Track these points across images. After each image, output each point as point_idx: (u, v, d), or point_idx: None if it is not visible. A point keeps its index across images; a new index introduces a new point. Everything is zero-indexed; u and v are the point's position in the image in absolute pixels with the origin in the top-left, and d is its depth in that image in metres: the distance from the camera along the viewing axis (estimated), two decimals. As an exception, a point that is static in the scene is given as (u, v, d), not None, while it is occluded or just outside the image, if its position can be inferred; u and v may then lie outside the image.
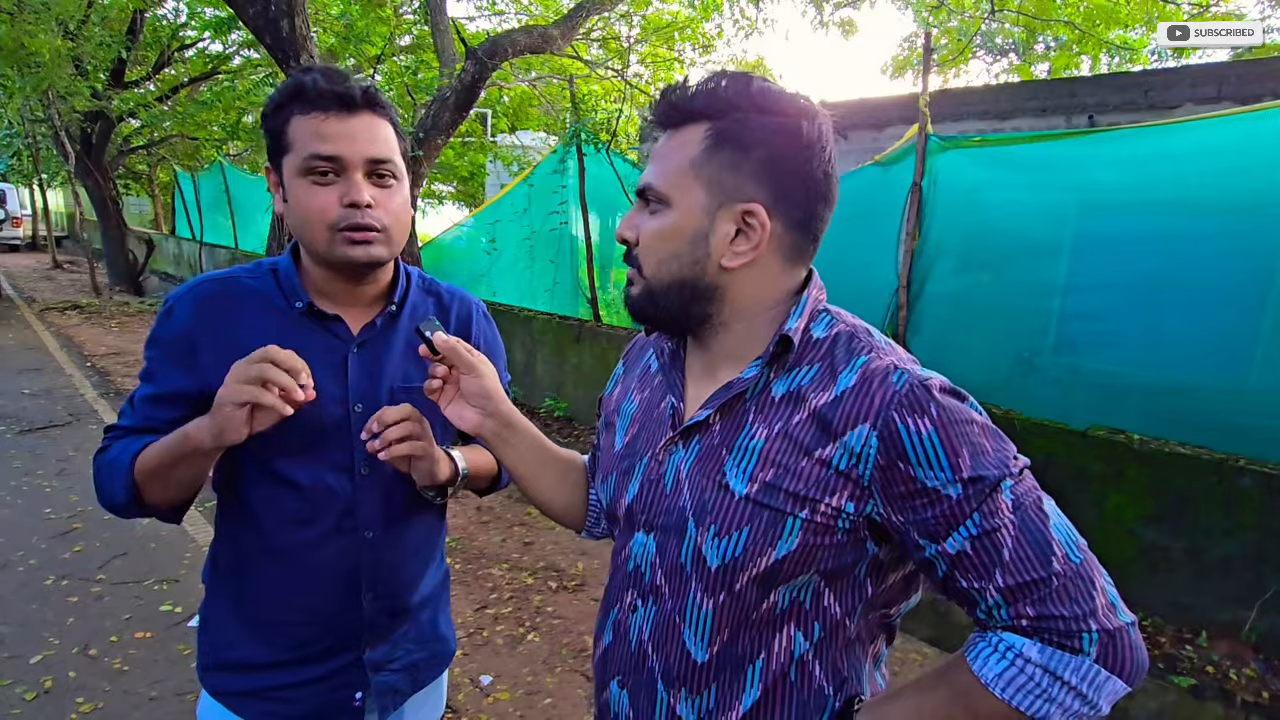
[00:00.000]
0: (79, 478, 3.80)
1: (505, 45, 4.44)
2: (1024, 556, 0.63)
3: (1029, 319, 3.57)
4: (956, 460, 0.63)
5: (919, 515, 0.65)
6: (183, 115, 8.24)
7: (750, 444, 0.72)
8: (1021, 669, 0.63)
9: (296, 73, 0.95)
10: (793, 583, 0.71)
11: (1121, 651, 0.62)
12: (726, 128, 0.70)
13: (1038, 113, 4.65)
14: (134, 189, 17.16)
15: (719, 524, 0.71)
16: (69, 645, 2.42)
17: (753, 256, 0.72)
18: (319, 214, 0.92)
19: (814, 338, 0.74)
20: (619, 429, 0.89)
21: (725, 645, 0.74)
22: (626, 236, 0.77)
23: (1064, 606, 0.62)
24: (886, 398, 0.66)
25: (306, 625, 1.02)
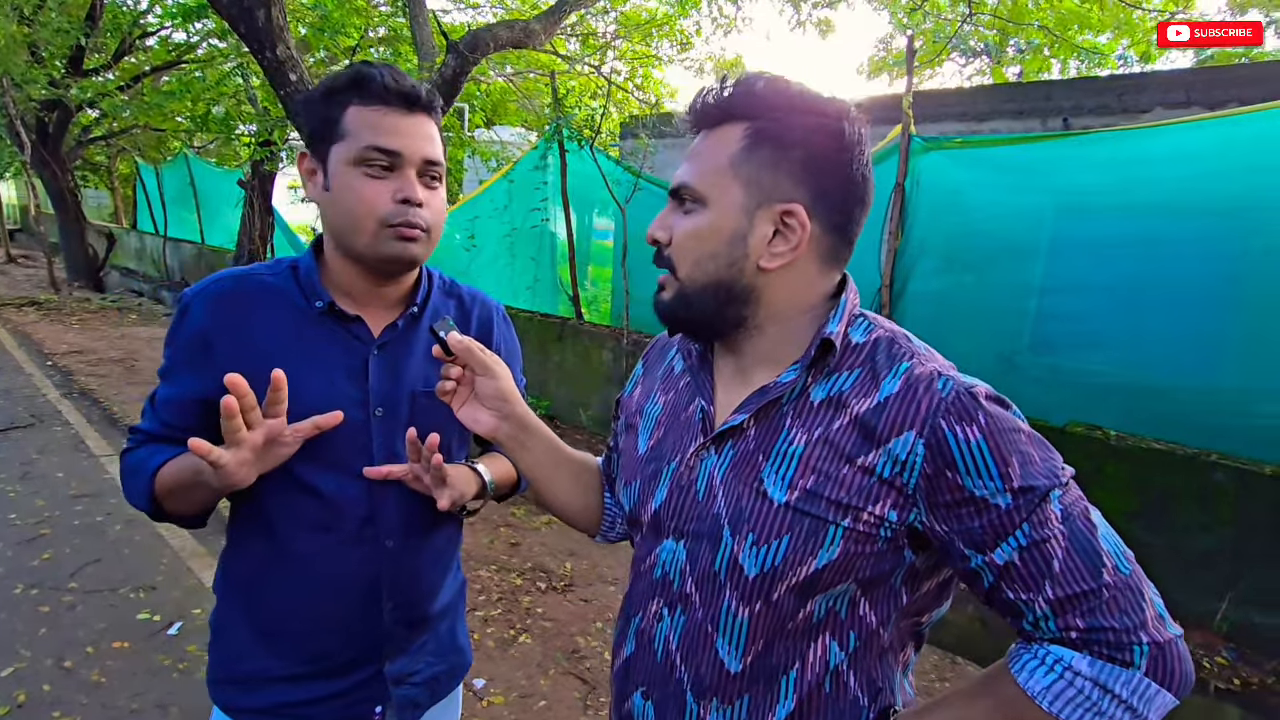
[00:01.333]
0: (44, 481, 3.66)
1: (487, 39, 4.38)
2: (1074, 568, 0.62)
3: (1010, 319, 3.65)
4: (1006, 469, 0.63)
5: (965, 525, 0.64)
6: (149, 105, 7.96)
7: (789, 450, 0.70)
8: (1070, 682, 0.62)
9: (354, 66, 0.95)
10: (830, 592, 0.69)
11: (1171, 664, 0.61)
12: (766, 127, 0.69)
13: (1014, 115, 4.74)
14: (92, 181, 16.56)
15: (757, 532, 0.70)
16: (42, 657, 2.33)
17: (791, 258, 0.71)
18: (369, 206, 0.90)
19: (853, 342, 0.72)
20: (642, 432, 0.87)
21: (760, 655, 0.72)
22: (659, 237, 0.76)
23: (1114, 618, 0.61)
24: (933, 405, 0.65)
25: (324, 636, 1.00)
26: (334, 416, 0.85)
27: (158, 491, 0.92)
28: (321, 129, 0.92)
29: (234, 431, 0.76)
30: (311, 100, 0.94)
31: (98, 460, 4.00)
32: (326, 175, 0.93)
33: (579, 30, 8.25)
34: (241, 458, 0.78)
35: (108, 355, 6.69)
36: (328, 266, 0.99)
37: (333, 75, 0.95)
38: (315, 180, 0.95)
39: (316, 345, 0.97)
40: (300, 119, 0.98)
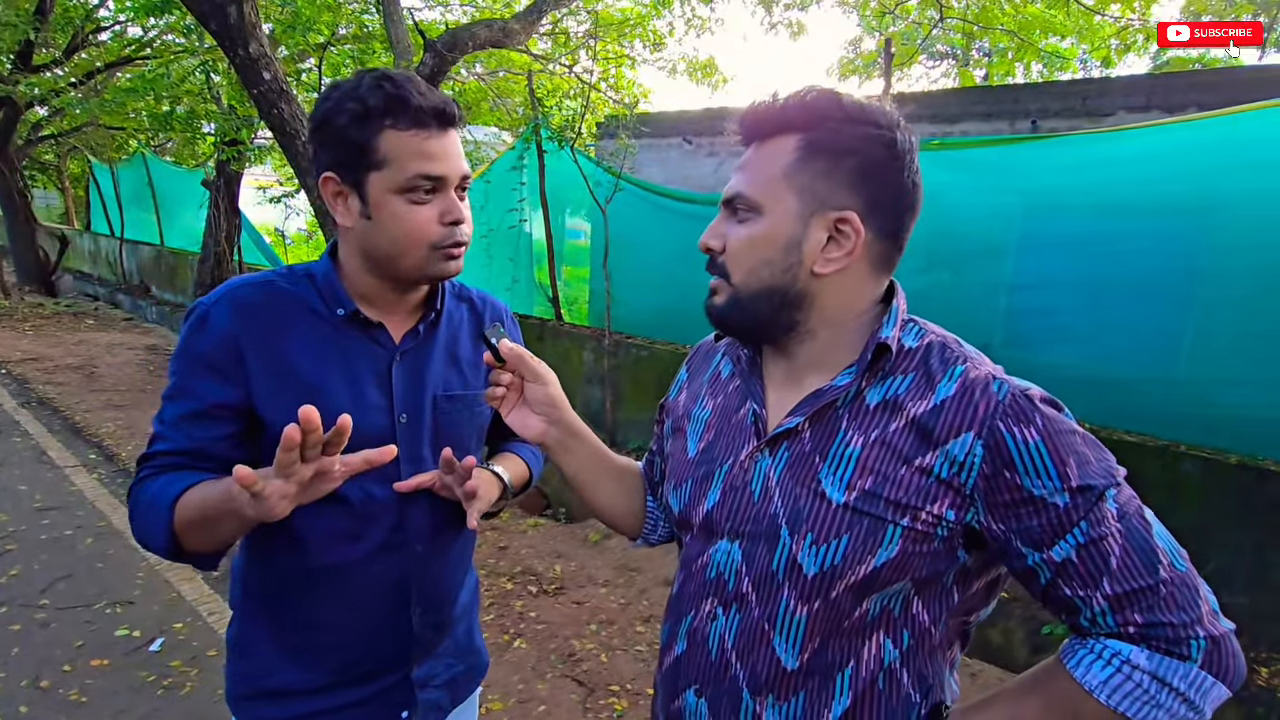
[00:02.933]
0: (8, 495, 3.51)
1: (465, 38, 4.33)
2: (1131, 564, 0.64)
3: (983, 315, 3.75)
4: (1064, 469, 0.65)
5: (1024, 524, 0.66)
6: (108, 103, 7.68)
7: (846, 452, 0.72)
8: (1129, 675, 0.64)
9: (375, 80, 0.89)
10: (886, 591, 0.71)
11: (1225, 658, 0.63)
12: (819, 137, 0.71)
13: (984, 117, 4.87)
14: (40, 181, 15.90)
15: (816, 532, 0.71)
16: (16, 677, 2.24)
17: (845, 264, 0.73)
18: (420, 234, 0.90)
19: (906, 347, 0.74)
20: (690, 435, 0.88)
21: (816, 652, 0.74)
22: (712, 245, 0.77)
23: (1172, 614, 0.63)
24: (990, 407, 0.67)
25: (353, 645, 0.99)
26: (388, 451, 0.79)
27: (177, 525, 0.84)
28: (354, 155, 0.89)
29: (289, 464, 0.72)
30: (336, 124, 0.89)
31: (62, 471, 3.85)
32: (365, 203, 0.90)
33: (553, 30, 8.21)
34: (285, 490, 0.74)
35: (65, 362, 6.45)
36: (346, 275, 0.97)
37: (355, 92, 0.88)
38: (347, 205, 0.92)
39: (341, 353, 0.96)
40: (320, 140, 0.93)
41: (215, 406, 0.90)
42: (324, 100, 0.92)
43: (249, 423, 0.92)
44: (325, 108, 0.91)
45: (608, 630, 2.70)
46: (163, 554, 0.87)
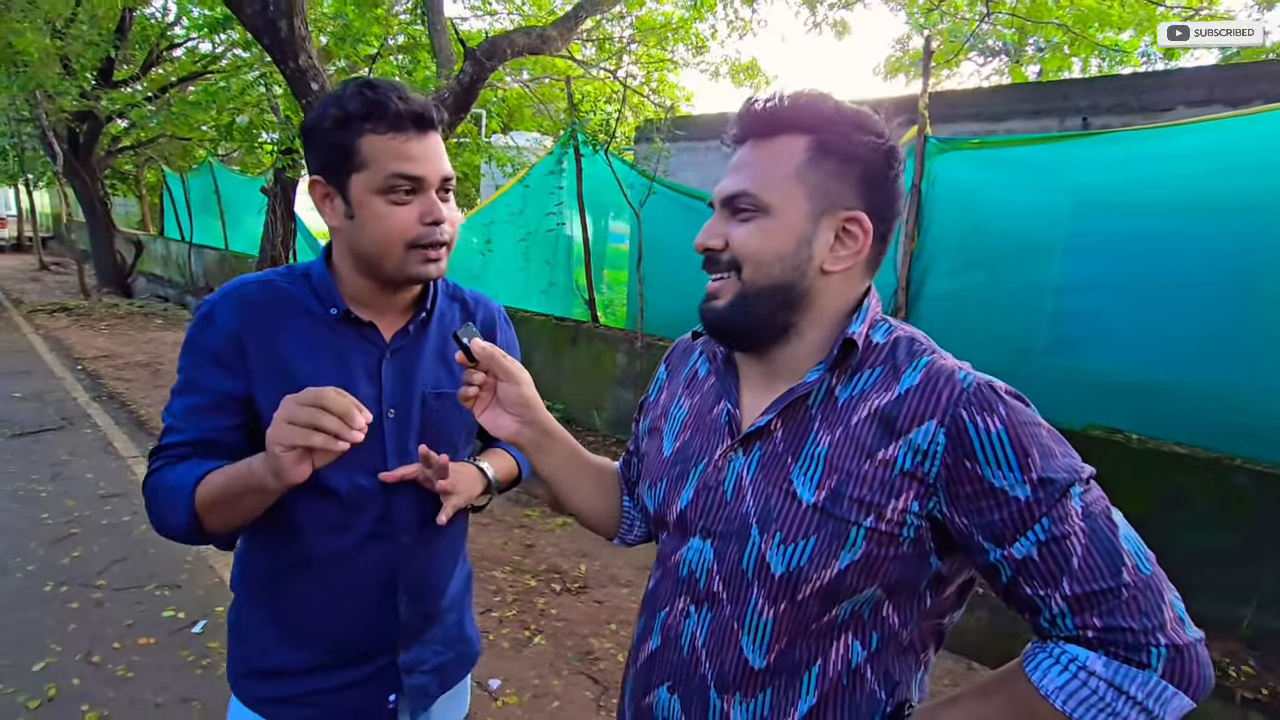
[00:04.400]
0: (75, 482, 3.77)
1: (504, 46, 4.43)
2: (1093, 565, 0.62)
3: (1025, 318, 3.61)
4: (1026, 460, 0.63)
5: (986, 518, 0.65)
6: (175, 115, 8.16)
7: (816, 451, 0.72)
8: (1085, 682, 0.62)
9: (357, 88, 0.93)
10: (856, 598, 0.71)
11: (1189, 667, 0.61)
12: (830, 140, 0.72)
13: (1031, 115, 4.70)
14: (121, 189, 16.97)
15: (785, 531, 0.71)
16: (72, 652, 2.40)
17: (853, 262, 0.74)
18: (399, 232, 0.93)
19: (874, 343, 0.75)
20: (667, 434, 0.88)
21: (783, 652, 0.74)
22: (711, 244, 0.77)
23: (1133, 619, 0.61)
24: (954, 395, 0.67)
25: (343, 630, 1.03)
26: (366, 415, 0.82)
27: (199, 507, 0.88)
28: (337, 157, 0.93)
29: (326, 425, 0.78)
30: (321, 129, 0.93)
31: (125, 461, 4.11)
32: (348, 203, 0.94)
33: (595, 35, 8.30)
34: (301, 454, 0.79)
35: (134, 359, 6.86)
36: (340, 276, 1.01)
37: (338, 99, 0.93)
38: (333, 206, 0.96)
39: (334, 349, 1.00)
40: (308, 145, 0.98)
41: (222, 398, 0.95)
42: (314, 108, 0.96)
43: (250, 414, 0.97)
44: (313, 115, 0.95)
45: (626, 630, 2.72)
46: (180, 536, 0.91)
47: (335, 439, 0.78)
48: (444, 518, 0.99)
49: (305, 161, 0.99)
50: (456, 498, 1.00)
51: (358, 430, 0.79)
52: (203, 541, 0.93)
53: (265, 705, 1.04)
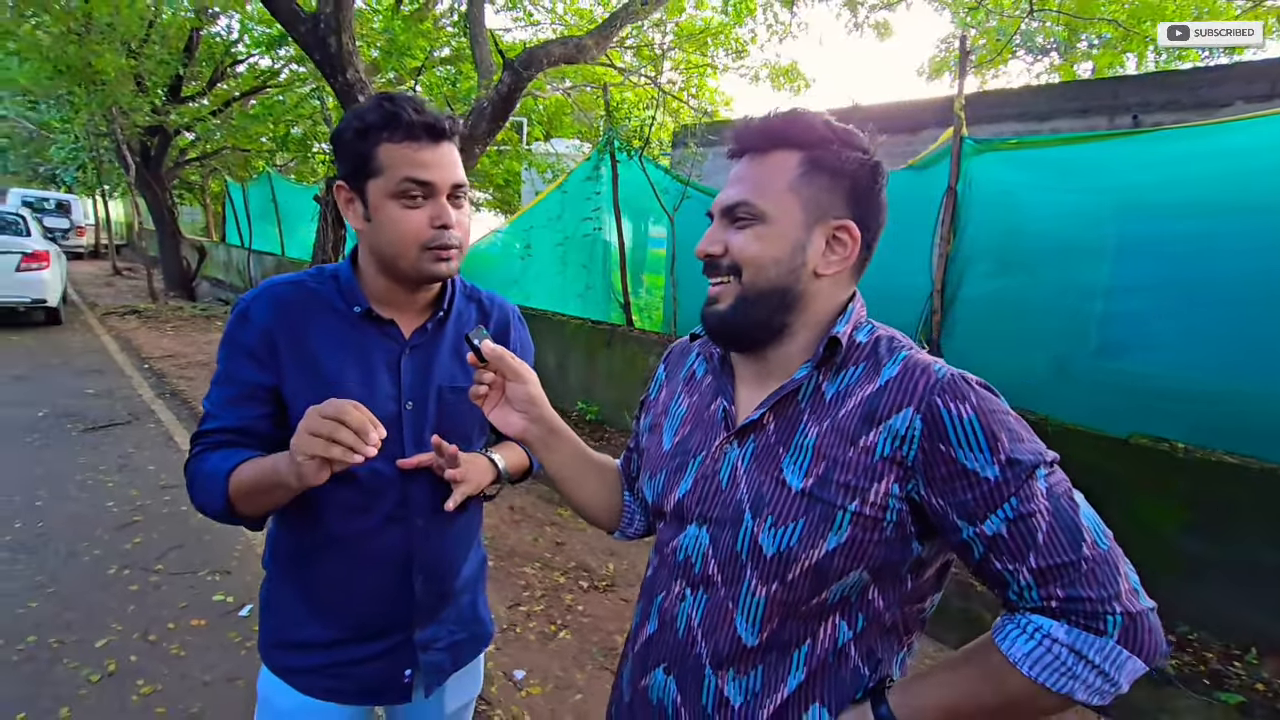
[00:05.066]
0: (139, 473, 4.01)
1: (541, 56, 4.54)
2: (1056, 541, 0.67)
3: (1066, 322, 3.51)
4: (995, 443, 0.68)
5: (959, 497, 0.69)
6: (235, 128, 8.59)
7: (805, 441, 0.77)
8: (1049, 648, 0.66)
9: (377, 100, 1.01)
10: (843, 581, 0.75)
11: (1142, 634, 0.65)
12: (822, 156, 0.79)
13: (1078, 113, 4.55)
14: (187, 199, 17.90)
15: (776, 515, 0.76)
16: (130, 631, 2.57)
17: (843, 267, 0.80)
18: (413, 234, 1.00)
19: (858, 342, 0.80)
20: (666, 430, 0.94)
21: (775, 631, 0.78)
22: (712, 251, 0.82)
23: (1091, 589, 0.66)
24: (929, 384, 0.72)
25: (364, 606, 1.09)
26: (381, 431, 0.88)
27: (232, 494, 0.95)
28: (357, 164, 1.01)
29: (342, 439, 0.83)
30: (344, 138, 1.02)
31: (184, 455, 4.34)
32: (366, 206, 1.02)
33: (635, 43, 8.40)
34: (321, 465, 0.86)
35: (196, 359, 7.24)
36: (364, 277, 1.09)
37: (359, 111, 1.02)
38: (355, 210, 1.04)
39: (357, 345, 1.07)
40: (336, 153, 1.06)
41: (254, 388, 1.03)
42: (339, 124, 1.05)
43: (279, 404, 1.04)
44: (339, 126, 1.04)
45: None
46: (216, 518, 1.00)
47: (351, 451, 0.84)
48: (452, 504, 1.05)
49: (336, 168, 1.07)
50: (465, 486, 1.07)
51: (372, 446, 0.84)
52: (236, 522, 1.01)
53: (292, 674, 1.11)
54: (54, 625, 2.57)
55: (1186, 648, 2.71)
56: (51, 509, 3.55)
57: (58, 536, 3.26)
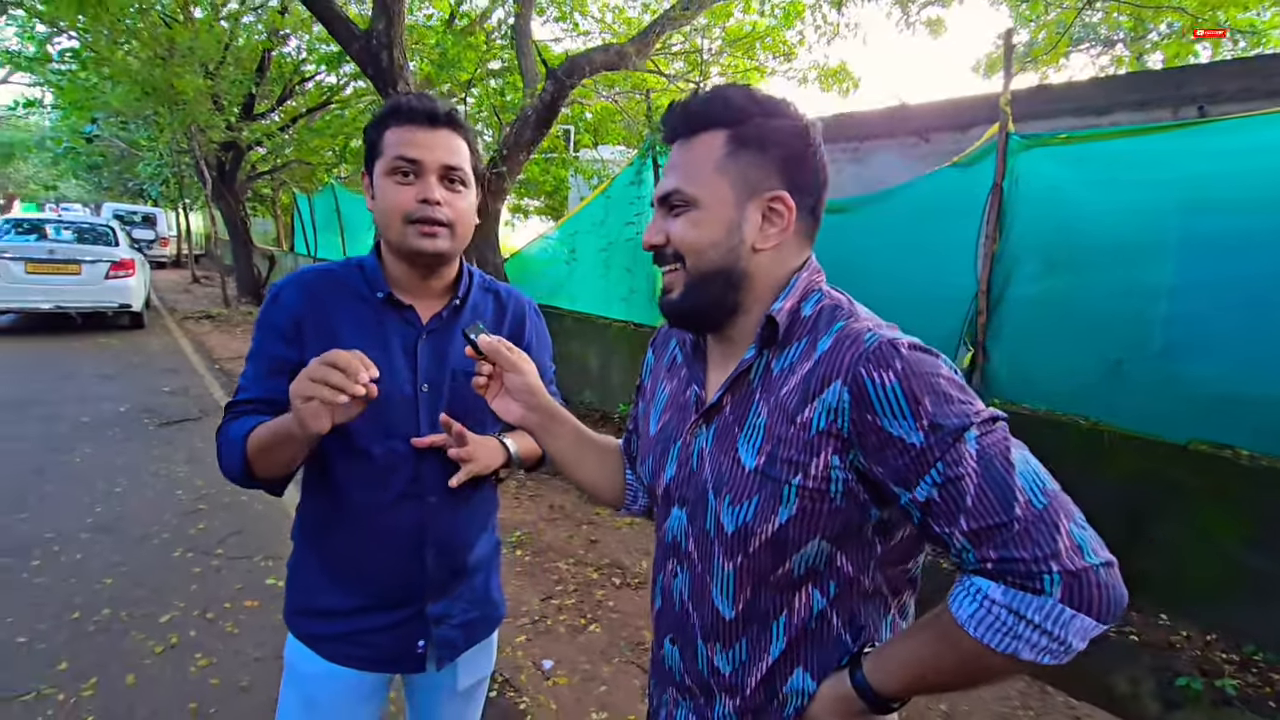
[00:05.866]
0: (206, 465, 4.29)
1: (583, 64, 4.65)
2: (986, 502, 0.66)
3: (1122, 324, 3.35)
4: (917, 408, 0.68)
5: (891, 465, 0.70)
6: (299, 142, 9.06)
7: (757, 421, 0.79)
8: (989, 610, 0.66)
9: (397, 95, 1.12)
10: (803, 552, 0.77)
11: (1088, 590, 0.63)
12: (745, 131, 0.79)
13: (1139, 106, 4.35)
14: (260, 211, 18.92)
15: (733, 493, 0.79)
16: (192, 609, 2.76)
17: (781, 239, 0.80)
18: (397, 207, 1.08)
19: (803, 315, 0.80)
20: (652, 416, 0.98)
21: (749, 602, 0.81)
22: (655, 241, 0.84)
23: (1024, 550, 0.64)
24: (855, 355, 0.72)
25: (380, 577, 1.16)
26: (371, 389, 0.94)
27: (249, 454, 1.03)
28: (370, 151, 1.12)
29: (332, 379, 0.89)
30: (365, 132, 1.14)
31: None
32: (373, 186, 1.11)
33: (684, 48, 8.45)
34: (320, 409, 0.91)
35: (263, 361, 7.64)
36: (385, 264, 1.17)
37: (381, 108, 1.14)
38: (369, 192, 1.13)
39: (378, 328, 1.14)
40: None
41: (282, 363, 1.10)
42: None
43: None
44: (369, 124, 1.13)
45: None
46: (237, 480, 1.08)
47: (339, 391, 0.89)
48: (455, 480, 1.11)
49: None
50: (473, 465, 1.12)
51: (359, 385, 0.90)
52: (255, 485, 1.08)
53: (314, 641, 1.19)
54: (126, 600, 2.79)
55: (1251, 667, 2.55)
56: (128, 496, 3.83)
57: (133, 521, 3.53)
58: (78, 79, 9.73)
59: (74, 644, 2.49)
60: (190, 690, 2.27)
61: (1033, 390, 3.51)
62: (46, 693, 2.23)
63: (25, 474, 4.03)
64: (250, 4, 10.15)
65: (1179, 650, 2.71)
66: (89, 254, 8.37)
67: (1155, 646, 2.72)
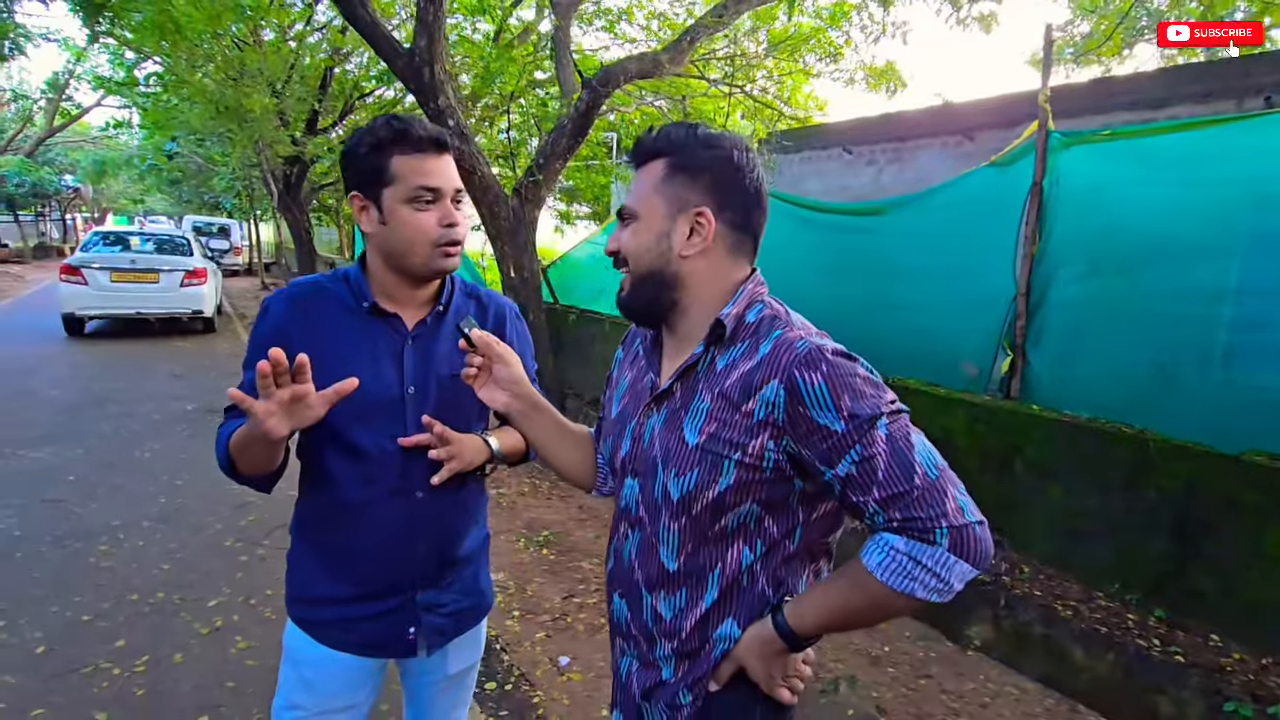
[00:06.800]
0: (259, 462, 4.53)
1: (617, 73, 4.72)
2: (893, 475, 0.81)
3: (1173, 328, 3.18)
4: (840, 403, 0.83)
5: (818, 448, 0.84)
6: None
7: (700, 406, 0.93)
8: (893, 557, 0.82)
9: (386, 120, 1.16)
10: (737, 510, 0.91)
11: (968, 543, 0.79)
12: (681, 160, 0.95)
13: (1199, 98, 4.12)
14: (325, 220, 19.84)
15: (678, 466, 0.93)
16: (236, 595, 2.94)
17: (703, 246, 0.95)
18: (424, 234, 1.16)
19: (747, 322, 0.94)
20: (615, 401, 1.12)
21: (690, 556, 0.95)
22: (611, 249, 1.01)
23: (922, 510, 0.80)
24: (791, 359, 0.86)
25: (370, 567, 1.23)
26: (350, 383, 1.04)
27: (232, 454, 1.13)
28: (371, 175, 1.15)
29: (265, 388, 0.98)
30: (358, 153, 1.17)
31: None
32: (381, 212, 1.16)
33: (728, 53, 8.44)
34: (269, 409, 0.99)
35: (320, 363, 8.02)
36: (372, 275, 1.24)
37: (370, 129, 1.16)
38: (369, 216, 1.18)
39: (365, 337, 1.21)
40: (346, 166, 1.20)
41: None
42: (349, 140, 1.21)
43: None
44: (349, 144, 1.19)
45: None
46: (230, 477, 1.18)
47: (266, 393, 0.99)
48: (438, 479, 1.18)
49: (344, 182, 1.22)
50: (454, 463, 1.19)
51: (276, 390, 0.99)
52: (245, 482, 1.18)
53: (310, 626, 1.26)
54: (178, 585, 2.99)
55: (1308, 695, 2.38)
56: (188, 488, 4.10)
57: (190, 512, 3.77)
58: (160, 101, 10.47)
59: (131, 623, 2.69)
60: (230, 670, 2.43)
61: (1076, 397, 3.36)
62: (104, 666, 2.42)
63: (99, 467, 4.37)
64: (315, 24, 10.69)
65: (1230, 673, 2.55)
66: (166, 263, 8.98)
67: (1204, 668, 2.57)
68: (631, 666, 1.06)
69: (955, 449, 3.30)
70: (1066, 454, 3.07)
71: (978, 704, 2.46)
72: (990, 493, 3.27)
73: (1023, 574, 3.10)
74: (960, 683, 2.58)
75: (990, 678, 2.63)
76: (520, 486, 4.39)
